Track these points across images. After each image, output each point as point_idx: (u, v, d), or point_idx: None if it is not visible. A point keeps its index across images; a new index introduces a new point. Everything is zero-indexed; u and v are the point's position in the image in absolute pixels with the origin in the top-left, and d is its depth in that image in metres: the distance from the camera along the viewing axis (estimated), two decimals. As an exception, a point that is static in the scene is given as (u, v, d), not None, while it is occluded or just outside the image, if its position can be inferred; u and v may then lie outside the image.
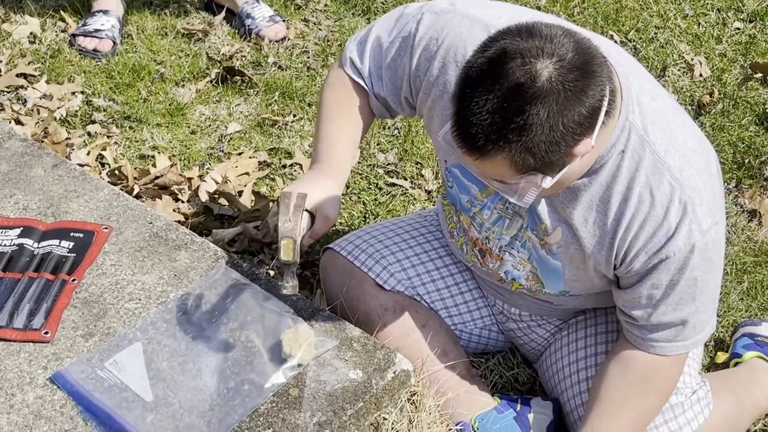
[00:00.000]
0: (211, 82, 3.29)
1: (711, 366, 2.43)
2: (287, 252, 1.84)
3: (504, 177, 1.64)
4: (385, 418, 1.96)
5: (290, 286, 1.89)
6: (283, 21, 3.52)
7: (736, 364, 2.36)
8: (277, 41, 3.46)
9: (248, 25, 3.47)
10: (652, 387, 1.96)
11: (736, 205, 2.92)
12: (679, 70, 3.42)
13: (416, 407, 2.04)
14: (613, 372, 1.97)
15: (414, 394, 2.05)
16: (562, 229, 1.87)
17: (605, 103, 1.60)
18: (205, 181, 2.86)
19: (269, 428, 1.80)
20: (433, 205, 2.88)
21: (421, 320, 2.20)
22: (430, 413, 2.05)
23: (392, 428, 1.97)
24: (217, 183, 2.85)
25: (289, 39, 3.49)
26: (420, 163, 3.02)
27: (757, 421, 2.29)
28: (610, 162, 1.75)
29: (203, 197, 2.81)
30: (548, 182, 1.63)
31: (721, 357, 2.42)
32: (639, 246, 1.79)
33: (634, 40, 3.52)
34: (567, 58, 1.54)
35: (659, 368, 1.94)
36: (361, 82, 2.06)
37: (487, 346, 2.37)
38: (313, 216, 1.95)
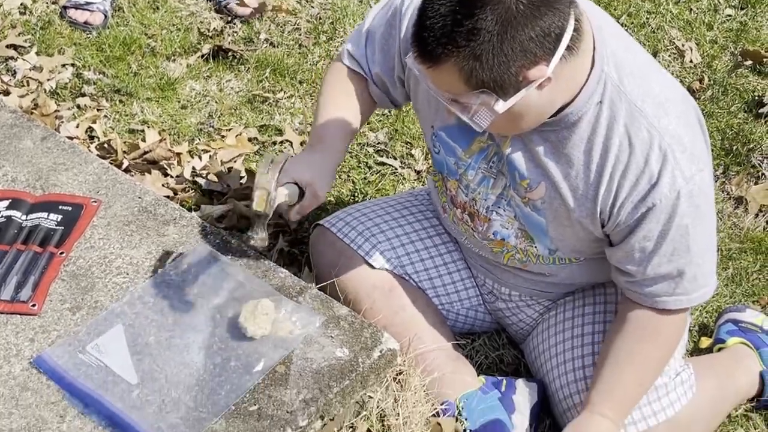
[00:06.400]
0: (202, 57, 3.27)
1: (695, 351, 2.45)
2: (260, 203, 1.85)
3: (457, 93, 1.66)
4: (370, 397, 1.97)
5: (259, 238, 1.90)
6: None
7: (720, 349, 2.38)
8: (245, 16, 3.42)
9: None
10: (656, 340, 1.98)
11: (722, 191, 2.94)
12: (669, 55, 3.42)
13: (402, 386, 2.05)
14: (617, 330, 1.99)
15: (400, 373, 2.06)
16: (546, 184, 1.89)
17: (566, 37, 1.63)
18: (194, 156, 2.85)
19: (255, 404, 1.81)
20: (423, 185, 2.88)
21: (408, 299, 2.21)
22: (415, 392, 2.06)
23: (378, 407, 1.98)
24: (207, 158, 2.85)
25: (281, 15, 3.47)
26: (410, 143, 3.02)
27: (739, 406, 2.31)
28: (588, 113, 1.78)
29: (192, 173, 2.81)
30: (501, 105, 1.65)
31: (705, 342, 2.44)
32: (623, 196, 1.81)
33: (625, 25, 3.51)
34: None
35: (662, 322, 1.96)
36: (359, 70, 2.10)
37: (474, 326, 2.38)
38: (303, 191, 1.95)
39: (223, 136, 2.98)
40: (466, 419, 2.11)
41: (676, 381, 2.09)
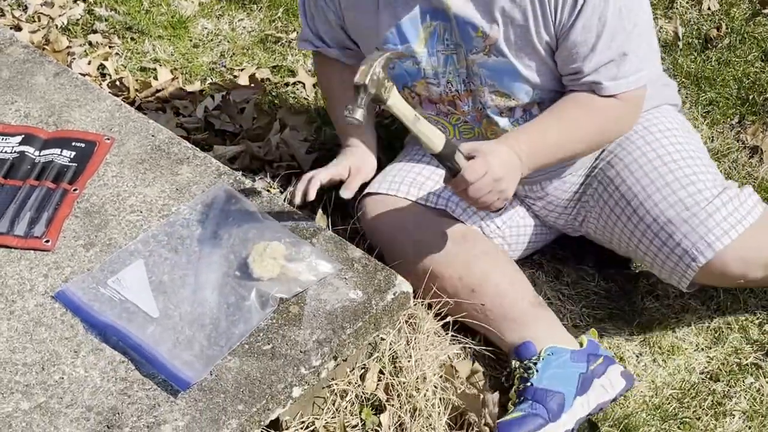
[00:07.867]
0: (215, -5, 3.25)
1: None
2: (361, 75, 1.78)
3: None
4: (383, 339, 1.98)
5: (354, 114, 1.79)
6: None
7: None
8: None
9: None
10: (591, 112, 2.05)
11: (737, 141, 2.92)
12: (687, 2, 3.38)
13: (414, 329, 2.05)
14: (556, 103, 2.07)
15: (412, 316, 2.06)
16: (499, 19, 1.96)
17: None
18: (207, 96, 2.83)
19: (269, 344, 1.82)
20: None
21: (482, 246, 2.18)
22: (427, 336, 2.06)
23: (390, 348, 1.99)
24: (220, 99, 2.83)
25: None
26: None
27: (749, 354, 2.32)
28: None
29: (204, 113, 2.79)
30: None
31: None
32: None
33: (643, -30, 3.47)
34: None
35: (602, 102, 2.03)
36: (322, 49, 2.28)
37: (528, 242, 2.37)
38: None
39: (235, 76, 2.95)
40: (537, 370, 2.02)
41: (745, 192, 2.14)
